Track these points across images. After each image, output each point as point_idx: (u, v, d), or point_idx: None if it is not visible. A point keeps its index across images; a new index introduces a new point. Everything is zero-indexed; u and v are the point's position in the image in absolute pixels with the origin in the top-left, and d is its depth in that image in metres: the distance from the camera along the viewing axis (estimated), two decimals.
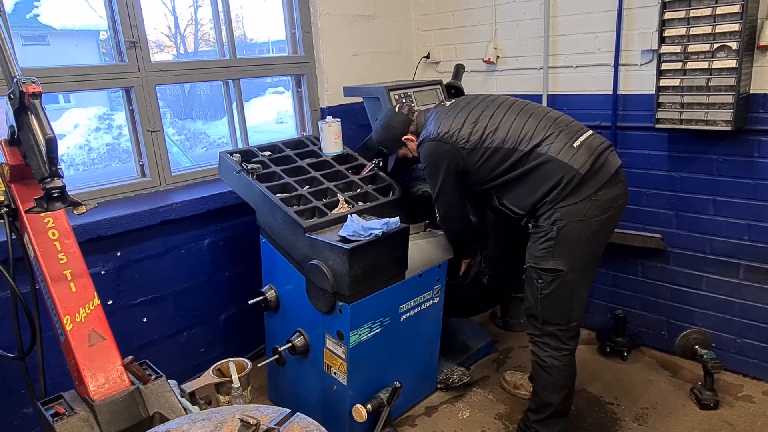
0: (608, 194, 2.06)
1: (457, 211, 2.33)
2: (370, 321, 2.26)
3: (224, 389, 1.87)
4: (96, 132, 14.09)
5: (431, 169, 2.26)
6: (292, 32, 3.18)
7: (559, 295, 2.10)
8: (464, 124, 2.20)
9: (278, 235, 2.35)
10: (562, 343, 2.15)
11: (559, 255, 2.06)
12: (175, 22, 17.42)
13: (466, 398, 2.71)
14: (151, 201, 2.64)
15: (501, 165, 2.13)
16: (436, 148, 2.22)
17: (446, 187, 2.25)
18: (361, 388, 2.33)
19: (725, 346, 2.71)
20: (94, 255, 2.45)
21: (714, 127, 2.41)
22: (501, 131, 2.14)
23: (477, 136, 2.16)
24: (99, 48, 12.62)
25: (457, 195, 2.28)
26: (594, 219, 2.04)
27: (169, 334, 2.78)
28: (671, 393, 2.64)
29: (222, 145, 13.91)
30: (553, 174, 2.04)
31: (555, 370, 2.16)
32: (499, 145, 2.13)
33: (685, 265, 2.78)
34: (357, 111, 3.33)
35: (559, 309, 2.13)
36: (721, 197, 2.60)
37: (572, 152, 2.05)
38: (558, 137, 2.09)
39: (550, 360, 2.16)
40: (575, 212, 2.03)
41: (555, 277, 2.08)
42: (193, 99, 17.09)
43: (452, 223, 2.38)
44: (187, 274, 2.79)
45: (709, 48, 2.35)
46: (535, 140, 2.09)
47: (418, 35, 3.63)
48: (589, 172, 2.03)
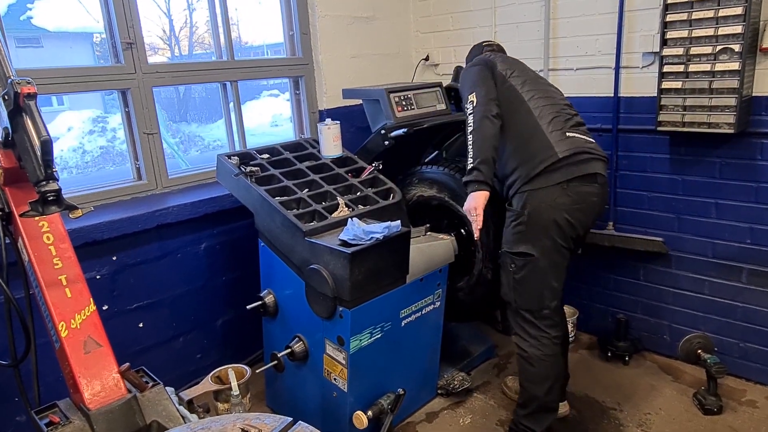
0: (580, 188, 2.10)
1: (486, 90, 2.21)
2: (371, 326, 2.23)
3: (223, 397, 1.83)
4: (90, 135, 14.01)
5: (462, 75, 2.35)
6: (290, 34, 3.15)
7: (531, 280, 2.15)
8: (511, 70, 2.29)
9: (277, 239, 2.31)
10: (540, 331, 2.17)
11: (529, 240, 2.12)
12: (170, 25, 17.18)
13: (467, 404, 2.68)
14: (148, 204, 2.60)
15: (509, 110, 2.18)
16: (472, 62, 2.37)
17: (474, 72, 2.27)
18: (361, 394, 2.30)
19: (728, 350, 2.69)
20: (89, 259, 2.41)
21: (716, 129, 2.40)
22: (532, 86, 2.24)
23: (508, 65, 2.29)
24: (93, 50, 12.52)
25: (487, 80, 2.23)
26: (563, 207, 2.08)
27: (166, 340, 2.73)
28: (674, 398, 2.62)
29: (217, 148, 13.83)
30: (537, 149, 2.11)
31: (537, 360, 2.18)
32: (520, 94, 2.20)
33: (687, 268, 2.76)
34: (356, 113, 3.30)
35: (530, 294, 2.17)
36: (723, 200, 2.58)
37: (561, 138, 2.12)
38: (557, 121, 2.16)
39: (531, 350, 2.19)
40: (544, 196, 2.08)
41: (526, 262, 2.13)
42: (188, 102, 17.03)
43: (479, 105, 2.19)
44: (184, 278, 2.75)
45: (712, 50, 2.33)
46: (540, 111, 2.17)
47: (417, 37, 3.60)
48: (565, 160, 2.08)
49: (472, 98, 2.19)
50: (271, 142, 2.75)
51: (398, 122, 2.68)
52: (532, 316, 2.18)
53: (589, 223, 2.21)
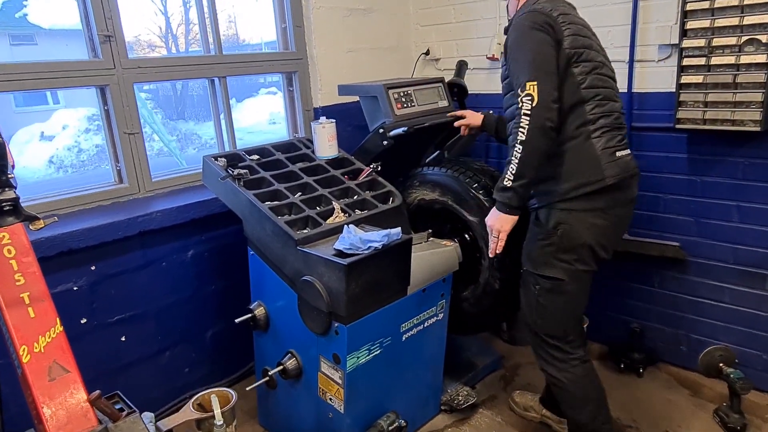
0: (619, 211, 1.92)
1: (550, 78, 1.75)
2: (369, 342, 2.06)
3: (206, 426, 1.66)
4: (86, 133, 13.76)
5: (518, 34, 1.83)
6: (282, 27, 2.97)
7: (558, 305, 1.95)
8: (572, 19, 1.87)
9: (267, 247, 2.14)
10: (566, 354, 1.99)
11: (559, 262, 1.90)
12: (166, 23, 16.98)
13: (473, 421, 2.51)
14: (129, 209, 2.42)
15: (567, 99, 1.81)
16: (532, 16, 1.82)
17: (535, 41, 1.78)
18: (359, 415, 2.13)
19: (750, 362, 2.52)
20: (65, 270, 2.24)
21: (741, 127, 2.22)
22: (596, 81, 1.86)
23: (576, 43, 1.83)
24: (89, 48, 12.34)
25: (549, 57, 1.77)
26: (599, 230, 1.88)
27: (150, 354, 2.56)
28: (693, 414, 2.45)
29: (213, 146, 13.69)
30: (581, 163, 1.84)
31: (570, 385, 2.00)
32: (580, 92, 1.82)
33: (706, 275, 2.59)
34: (353, 111, 3.12)
35: (556, 320, 1.98)
36: (746, 203, 2.41)
37: (611, 159, 1.85)
38: (610, 134, 1.87)
39: (560, 375, 2.01)
40: (581, 219, 1.86)
41: (553, 286, 1.93)
42: (185, 99, 16.81)
43: (541, 94, 1.72)
44: (170, 288, 2.58)
45: (737, 41, 2.16)
46: (597, 118, 1.85)
47: (416, 30, 3.42)
48: (613, 187, 1.84)
49: (531, 90, 1.72)
50: (267, 140, 2.57)
51: (397, 120, 2.51)
52: (556, 340, 2.00)
53: (619, 242, 2.03)
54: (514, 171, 1.75)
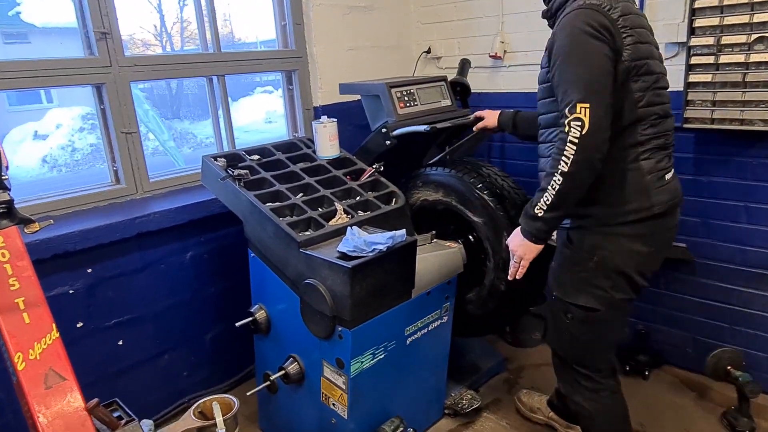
0: (662, 235, 1.76)
1: (605, 101, 1.51)
2: (374, 346, 2.01)
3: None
4: (80, 132, 13.66)
5: (570, 39, 1.55)
6: (282, 24, 2.92)
7: (592, 337, 1.79)
8: (634, 20, 1.61)
9: (269, 249, 2.09)
10: (597, 383, 1.85)
11: (594, 291, 1.72)
12: (161, 21, 16.83)
13: (477, 425, 2.47)
14: (127, 211, 2.37)
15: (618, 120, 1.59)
16: (587, 15, 1.54)
17: (590, 52, 1.52)
18: (363, 420, 2.08)
19: (758, 365, 2.49)
20: (61, 272, 2.19)
21: (750, 126, 2.19)
22: (654, 97, 1.64)
23: (637, 53, 1.59)
24: (83, 46, 12.25)
25: (606, 73, 1.52)
26: (640, 258, 1.70)
27: (149, 358, 2.51)
28: (701, 418, 2.41)
29: (209, 145, 13.55)
30: (627, 188, 1.64)
31: (599, 417, 1.87)
32: (636, 111, 1.61)
33: (713, 277, 2.55)
34: (353, 110, 3.08)
35: (589, 351, 1.84)
36: (755, 204, 2.38)
37: (659, 184, 1.67)
38: (660, 154, 1.68)
39: (589, 404, 1.88)
40: (621, 245, 1.68)
41: (587, 317, 1.76)
42: (181, 98, 16.71)
43: (593, 115, 1.48)
44: (168, 291, 2.53)
45: (746, 39, 2.12)
46: (648, 139, 1.65)
47: (417, 28, 3.38)
48: (658, 215, 1.68)
49: (582, 114, 1.48)
50: (264, 140, 2.52)
51: (400, 119, 2.46)
52: (586, 370, 1.86)
53: (657, 268, 1.82)
54: (548, 202, 1.57)
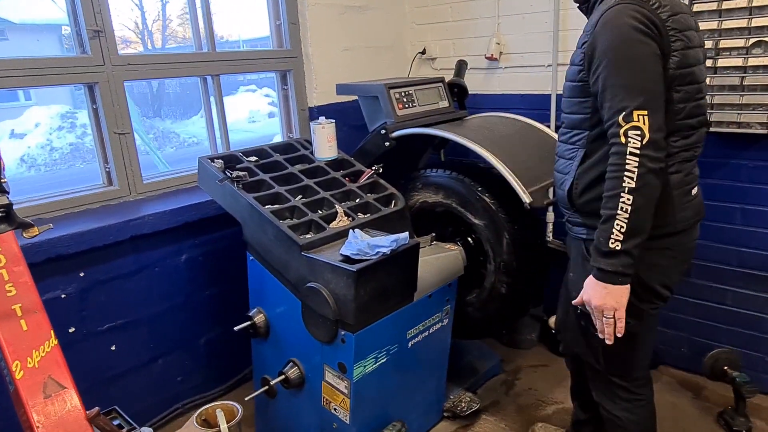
0: (685, 249, 1.67)
1: (662, 107, 1.41)
2: (376, 350, 1.99)
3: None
4: (59, 131, 13.41)
5: (618, 37, 1.41)
6: (277, 24, 2.88)
7: (624, 348, 1.67)
8: (683, 20, 1.48)
9: (269, 253, 2.06)
10: (633, 394, 1.79)
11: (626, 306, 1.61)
12: (142, 18, 16.57)
13: (476, 427, 2.46)
14: (120, 213, 2.32)
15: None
16: (636, 11, 1.40)
17: (642, 53, 1.39)
18: (365, 425, 2.06)
19: (752, 365, 2.52)
20: (53, 277, 2.13)
21: (748, 129, 2.21)
22: (694, 108, 1.52)
23: (685, 61, 1.46)
24: (62, 43, 11.95)
25: (660, 77, 1.41)
26: (663, 270, 1.62)
27: (142, 363, 2.45)
28: (698, 417, 2.44)
29: (192, 145, 13.31)
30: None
31: (632, 425, 1.81)
32: (675, 122, 1.48)
33: (708, 278, 2.58)
34: (349, 111, 3.05)
35: (623, 362, 1.75)
36: (750, 206, 2.40)
37: (686, 200, 1.57)
38: (688, 166, 1.57)
39: (624, 414, 1.80)
40: (642, 258, 1.51)
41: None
42: (162, 97, 16.50)
43: (653, 129, 1.37)
44: (162, 294, 2.47)
45: (744, 43, 2.14)
46: (679, 151, 1.53)
47: (412, 29, 3.36)
48: (683, 232, 1.61)
49: (640, 123, 1.37)
50: (249, 139, 2.49)
51: (399, 121, 2.44)
52: (621, 380, 1.78)
53: (681, 279, 1.76)
54: (625, 228, 1.39)
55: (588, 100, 1.54)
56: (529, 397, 2.64)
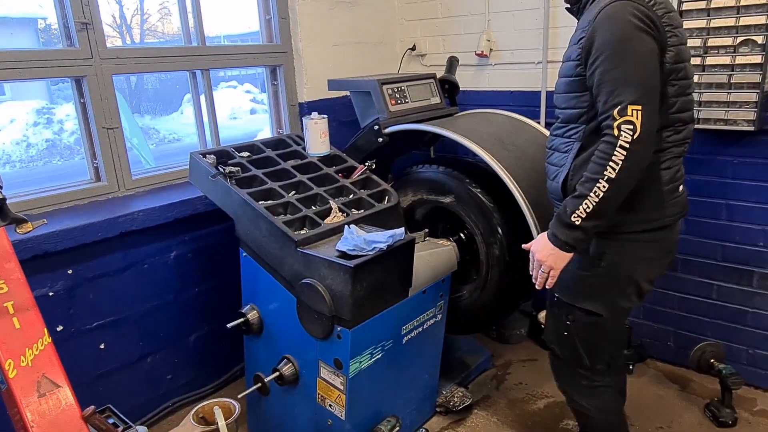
0: (669, 242, 1.71)
1: (657, 103, 1.45)
2: (372, 346, 1.99)
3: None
4: (34, 127, 13.15)
5: (618, 31, 1.43)
6: (266, 18, 2.85)
7: (592, 340, 1.74)
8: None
9: (263, 249, 2.04)
10: (593, 381, 1.82)
11: (600, 296, 1.67)
12: (120, 12, 16.27)
13: (468, 422, 2.48)
14: (109, 209, 2.28)
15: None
16: (634, 7, 1.43)
17: (641, 48, 1.42)
18: (360, 421, 2.06)
19: (736, 357, 2.57)
20: (40, 274, 2.09)
21: (734, 127, 2.26)
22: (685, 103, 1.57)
23: (680, 56, 1.50)
24: (38, 37, 11.68)
25: (656, 72, 1.44)
26: (648, 263, 1.66)
27: (131, 361, 2.42)
28: (684, 409, 2.48)
29: (173, 141, 13.13)
30: (644, 197, 1.57)
31: (598, 411, 1.83)
32: (668, 116, 1.53)
33: (694, 272, 2.63)
34: (338, 107, 3.04)
35: (588, 353, 1.78)
36: (734, 201, 2.45)
37: (674, 196, 1.62)
38: (677, 162, 1.62)
39: (587, 400, 1.84)
40: (630, 250, 1.62)
41: (591, 321, 1.70)
42: (141, 92, 16.27)
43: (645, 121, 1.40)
44: (152, 291, 2.44)
45: (732, 42, 2.18)
46: (670, 146, 1.58)
47: (401, 25, 3.36)
48: (669, 227, 1.65)
49: (634, 117, 1.39)
50: (232, 136, 2.46)
51: (392, 117, 2.44)
52: (583, 370, 1.81)
53: (662, 274, 1.83)
54: (590, 210, 1.45)
55: (585, 94, 1.57)
56: (520, 392, 2.67)
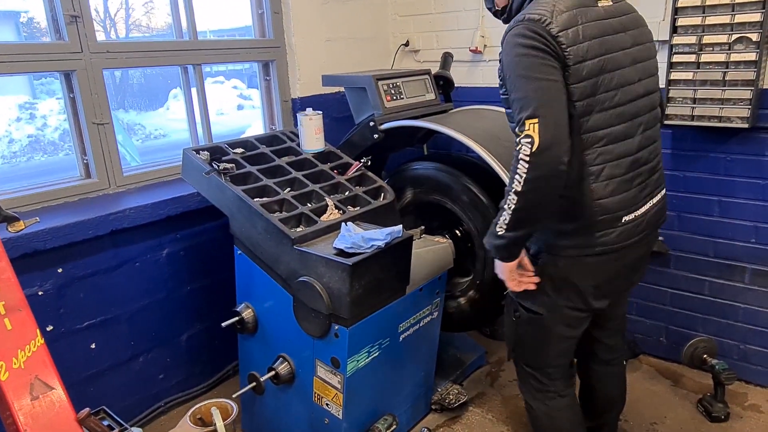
0: (624, 255, 1.63)
1: (557, 114, 1.41)
2: (369, 344, 1.98)
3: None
4: (17, 122, 12.97)
5: (510, 57, 1.46)
6: (259, 12, 2.81)
7: (535, 338, 1.74)
8: (581, 33, 1.46)
9: (258, 246, 2.01)
10: (544, 385, 1.81)
11: (540, 294, 1.65)
12: (104, 5, 16.26)
13: (464, 419, 2.48)
14: (99, 207, 2.23)
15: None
16: (523, 30, 1.45)
17: (534, 64, 1.42)
18: (357, 419, 2.05)
19: (728, 352, 2.60)
20: (29, 273, 2.04)
21: (728, 124, 2.27)
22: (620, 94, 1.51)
23: (593, 63, 1.46)
24: (19, 31, 11.52)
25: (553, 84, 1.42)
26: (590, 266, 1.60)
27: (123, 361, 2.38)
28: (677, 405, 2.50)
29: (159, 137, 13.02)
30: (572, 224, 1.54)
31: (544, 416, 1.83)
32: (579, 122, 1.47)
33: (686, 268, 2.64)
34: (331, 102, 3.02)
35: (533, 352, 1.79)
36: (727, 198, 2.47)
37: (614, 225, 1.54)
38: (624, 186, 1.54)
39: (535, 404, 1.85)
40: (567, 254, 1.59)
41: (531, 319, 1.71)
42: (125, 88, 16.11)
43: (547, 136, 1.38)
44: (143, 290, 2.40)
45: (727, 39, 2.19)
46: (598, 171, 1.51)
47: (394, 20, 3.33)
48: (623, 247, 1.58)
49: (531, 131, 1.38)
50: (219, 132, 2.42)
51: (387, 113, 2.42)
52: (532, 370, 1.82)
53: (624, 288, 1.79)
54: (508, 222, 1.47)
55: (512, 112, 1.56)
56: (514, 388, 2.66)
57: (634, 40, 1.58)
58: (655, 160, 1.64)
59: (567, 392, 1.84)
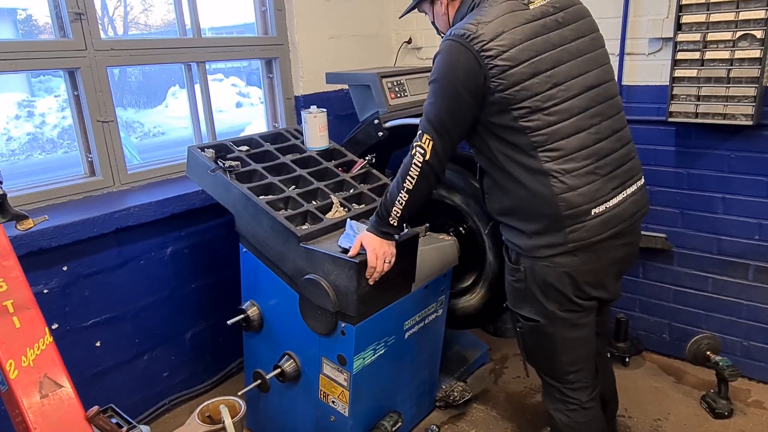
0: (603, 249, 1.60)
1: (452, 140, 1.57)
2: (375, 342, 1.98)
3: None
4: (16, 120, 12.92)
5: (436, 72, 1.55)
6: (262, 10, 2.81)
7: (541, 346, 1.72)
8: (506, 41, 1.47)
9: (264, 244, 2.01)
10: (565, 396, 1.76)
11: (533, 301, 1.65)
12: (102, 3, 16.27)
13: (468, 416, 2.48)
14: (104, 205, 2.23)
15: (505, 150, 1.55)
16: (452, 48, 1.50)
17: (446, 87, 1.51)
18: (363, 417, 2.05)
19: (731, 349, 2.61)
20: (35, 271, 2.04)
21: (733, 121, 2.27)
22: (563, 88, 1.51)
23: (524, 67, 1.47)
24: (17, 28, 11.39)
25: (458, 108, 1.51)
26: (570, 265, 1.58)
27: (127, 359, 2.38)
28: (681, 401, 2.51)
29: (158, 135, 12.95)
30: (537, 224, 1.56)
31: (565, 428, 1.78)
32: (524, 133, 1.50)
33: (689, 265, 2.65)
34: (334, 100, 3.01)
35: (545, 360, 1.76)
36: (731, 195, 2.47)
37: (581, 220, 1.52)
38: (586, 179, 1.53)
39: (557, 414, 1.80)
40: (546, 256, 1.58)
41: (532, 327, 1.69)
42: (124, 85, 16.06)
43: (436, 145, 1.54)
44: (148, 288, 2.40)
45: (731, 36, 2.19)
46: (555, 168, 1.51)
47: (396, 18, 3.32)
48: (599, 242, 1.56)
49: (426, 146, 1.55)
50: (219, 129, 2.42)
51: (392, 110, 2.42)
52: (551, 380, 1.78)
53: (612, 281, 1.70)
54: (398, 214, 1.67)
55: None
56: (518, 385, 2.68)
57: (578, 33, 1.58)
58: (623, 150, 1.61)
59: (590, 404, 1.79)
